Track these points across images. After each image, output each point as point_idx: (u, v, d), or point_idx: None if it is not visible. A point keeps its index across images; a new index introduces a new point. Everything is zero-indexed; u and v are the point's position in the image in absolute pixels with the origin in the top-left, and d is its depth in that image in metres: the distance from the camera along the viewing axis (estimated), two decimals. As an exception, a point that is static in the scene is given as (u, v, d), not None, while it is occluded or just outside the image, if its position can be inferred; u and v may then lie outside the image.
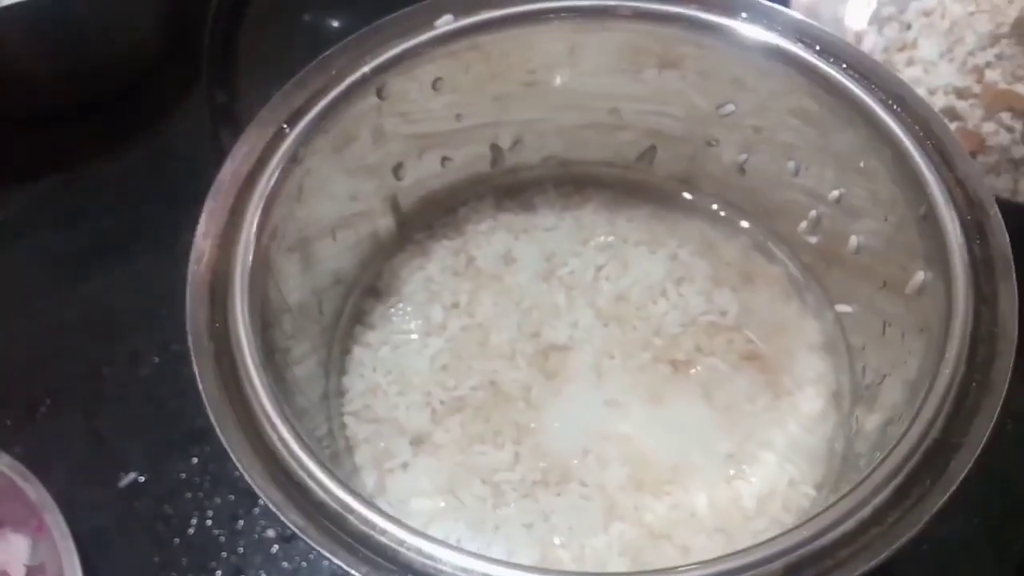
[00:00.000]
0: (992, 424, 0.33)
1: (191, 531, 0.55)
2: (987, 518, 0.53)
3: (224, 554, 0.54)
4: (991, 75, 0.64)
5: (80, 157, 0.69)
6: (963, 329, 0.35)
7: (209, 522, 0.55)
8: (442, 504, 0.44)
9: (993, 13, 0.67)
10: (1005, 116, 0.63)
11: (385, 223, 0.50)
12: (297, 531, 0.32)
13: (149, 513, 0.56)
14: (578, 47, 0.46)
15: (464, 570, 0.31)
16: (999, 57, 0.65)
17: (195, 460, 0.57)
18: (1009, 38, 0.65)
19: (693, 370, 0.47)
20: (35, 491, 0.52)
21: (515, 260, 0.51)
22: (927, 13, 0.68)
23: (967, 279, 0.36)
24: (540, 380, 0.47)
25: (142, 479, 0.57)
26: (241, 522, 0.55)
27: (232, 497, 0.56)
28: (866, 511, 0.32)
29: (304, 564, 0.54)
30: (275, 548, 0.54)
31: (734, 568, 0.31)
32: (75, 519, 0.51)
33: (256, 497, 0.55)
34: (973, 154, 0.62)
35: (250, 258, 0.38)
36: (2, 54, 0.64)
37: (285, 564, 0.54)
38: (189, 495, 0.56)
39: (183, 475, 0.57)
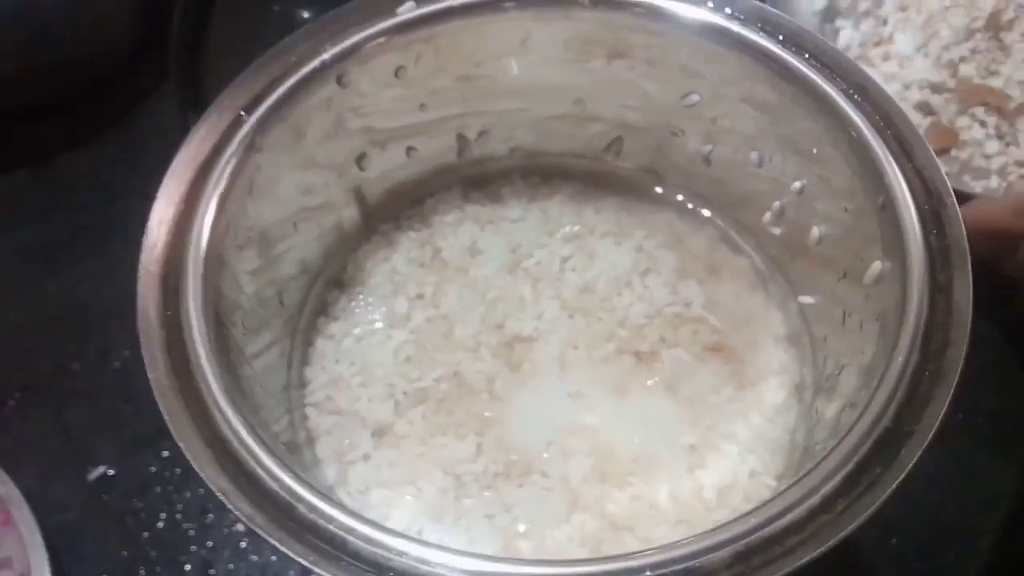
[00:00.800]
0: (943, 412, 0.33)
1: (160, 525, 0.55)
2: (956, 511, 0.54)
3: (193, 548, 0.54)
4: (965, 69, 0.64)
5: (52, 151, 0.70)
6: (917, 317, 0.35)
7: (179, 516, 0.55)
8: (403, 495, 0.44)
9: (968, 7, 0.67)
10: (979, 111, 0.63)
11: (349, 214, 0.50)
12: (244, 519, 0.32)
13: (118, 507, 0.56)
14: (536, 37, 0.46)
15: (411, 557, 0.31)
16: (973, 51, 0.65)
17: (165, 454, 0.57)
18: (984, 32, 0.65)
19: (657, 361, 0.47)
20: (2, 484, 0.52)
21: (481, 252, 0.50)
22: (903, 8, 0.68)
23: (923, 268, 0.36)
24: (504, 372, 0.47)
25: (111, 473, 0.57)
26: (211, 516, 0.55)
27: (202, 491, 0.56)
28: (815, 499, 0.32)
29: (273, 558, 0.54)
30: (244, 543, 0.54)
31: (682, 556, 0.31)
32: (44, 513, 0.51)
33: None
34: (947, 149, 0.62)
35: (203, 247, 0.38)
36: (-30, 50, 0.64)
37: (254, 557, 0.54)
38: (159, 489, 0.56)
39: (153, 469, 0.57)
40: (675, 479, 0.43)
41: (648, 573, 0.31)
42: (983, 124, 0.62)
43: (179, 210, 0.39)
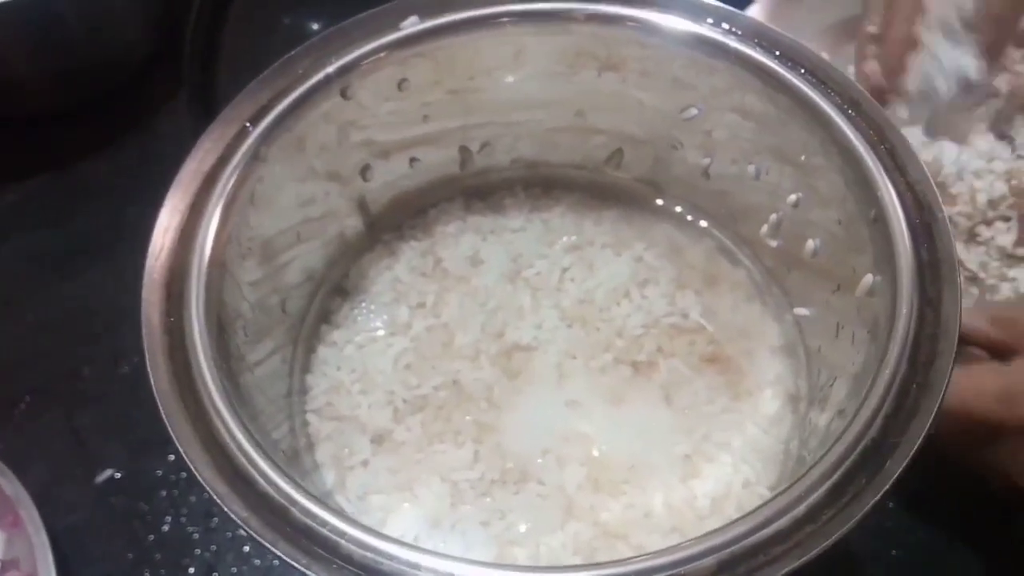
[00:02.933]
0: (930, 424, 0.34)
1: (166, 528, 0.56)
2: (957, 524, 0.54)
3: (198, 551, 0.55)
4: None
5: (67, 158, 0.71)
6: (906, 330, 0.36)
7: (183, 519, 0.56)
8: (401, 501, 0.44)
9: None
10: None
11: (353, 223, 0.51)
12: (240, 522, 0.33)
13: (125, 510, 0.57)
14: (529, 50, 0.46)
15: (401, 561, 0.32)
16: None
17: (171, 458, 0.58)
18: None
19: (654, 371, 0.47)
20: (11, 486, 0.52)
21: (482, 261, 0.51)
22: None
23: (912, 281, 0.37)
24: (503, 380, 0.47)
25: (119, 476, 0.58)
26: (215, 519, 0.56)
27: (206, 495, 0.56)
28: (800, 509, 0.32)
29: (276, 562, 0.54)
30: (247, 547, 0.55)
31: (667, 563, 0.31)
32: (51, 515, 0.52)
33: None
34: None
35: (206, 256, 0.39)
36: (-11, 55, 0.65)
37: (257, 562, 0.55)
38: (164, 493, 0.57)
39: (159, 473, 0.58)
40: (669, 488, 0.44)
41: (634, 580, 0.31)
42: None
43: (184, 219, 0.40)
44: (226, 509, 0.33)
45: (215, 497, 0.33)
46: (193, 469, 0.34)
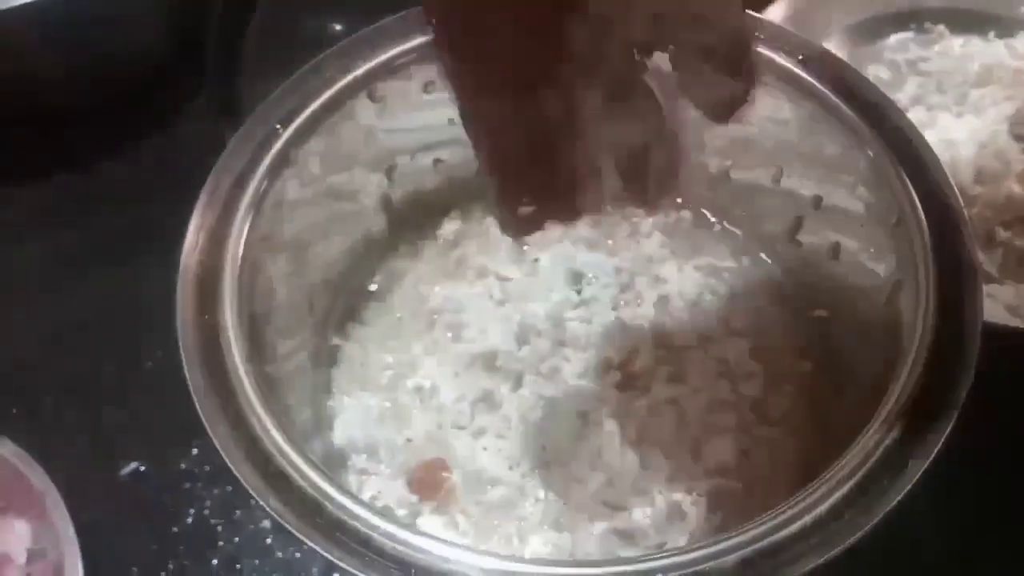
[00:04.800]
0: (951, 426, 0.34)
1: (189, 520, 0.56)
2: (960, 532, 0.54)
3: (221, 544, 0.55)
4: None
5: (90, 158, 0.71)
6: (927, 333, 0.36)
7: (207, 512, 0.56)
8: (425, 498, 0.45)
9: None
10: None
11: (378, 223, 0.51)
12: (275, 515, 0.33)
13: (149, 502, 0.57)
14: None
15: (433, 555, 0.32)
16: None
17: (195, 452, 0.58)
18: None
19: (674, 370, 0.48)
20: (38, 478, 0.53)
21: (504, 261, 0.51)
22: None
23: (934, 285, 0.37)
24: (528, 377, 0.48)
25: (143, 469, 0.58)
26: (238, 512, 0.56)
27: (230, 488, 0.57)
28: (823, 508, 0.33)
29: (298, 555, 0.55)
30: (269, 539, 0.55)
31: (691, 560, 0.32)
32: (76, 507, 0.52)
33: (253, 488, 0.57)
34: None
35: (240, 255, 0.40)
36: (13, 54, 0.65)
37: (279, 554, 0.55)
38: (188, 486, 0.57)
39: (183, 466, 0.58)
40: (690, 486, 0.44)
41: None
42: None
43: (217, 217, 0.41)
44: (263, 504, 0.34)
45: (252, 493, 0.34)
46: (231, 465, 0.35)
